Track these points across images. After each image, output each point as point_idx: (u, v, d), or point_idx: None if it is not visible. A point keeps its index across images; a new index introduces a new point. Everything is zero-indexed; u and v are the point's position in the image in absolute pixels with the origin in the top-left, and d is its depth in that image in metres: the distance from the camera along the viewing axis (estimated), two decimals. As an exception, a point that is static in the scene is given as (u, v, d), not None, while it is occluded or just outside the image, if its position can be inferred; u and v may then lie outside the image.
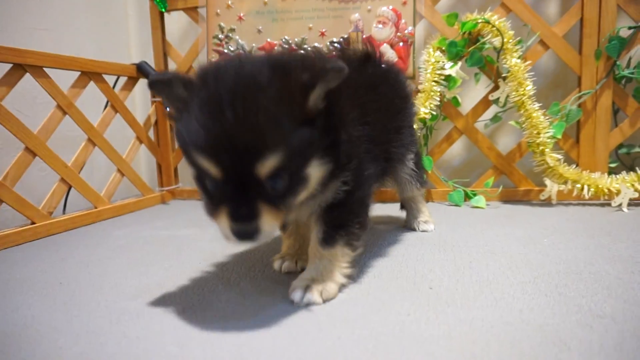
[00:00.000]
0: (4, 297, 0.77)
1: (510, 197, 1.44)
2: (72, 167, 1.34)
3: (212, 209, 0.59)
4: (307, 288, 0.70)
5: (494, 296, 0.69)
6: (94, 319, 0.67)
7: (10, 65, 1.17)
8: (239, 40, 1.54)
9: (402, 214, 1.19)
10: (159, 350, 0.57)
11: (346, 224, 0.73)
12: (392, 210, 1.31)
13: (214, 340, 0.58)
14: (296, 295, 0.69)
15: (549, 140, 1.31)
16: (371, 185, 0.79)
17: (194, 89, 0.57)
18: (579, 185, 1.31)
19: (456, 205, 1.41)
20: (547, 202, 1.37)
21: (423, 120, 1.43)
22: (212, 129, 0.53)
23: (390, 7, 1.45)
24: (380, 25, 1.46)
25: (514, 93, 1.34)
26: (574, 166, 1.37)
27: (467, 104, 1.53)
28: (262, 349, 0.56)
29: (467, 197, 1.43)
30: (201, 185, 0.60)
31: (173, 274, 0.85)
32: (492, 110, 1.48)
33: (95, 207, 1.42)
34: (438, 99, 1.42)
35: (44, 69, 1.25)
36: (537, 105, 1.33)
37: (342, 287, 0.74)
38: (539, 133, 1.30)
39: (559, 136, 1.33)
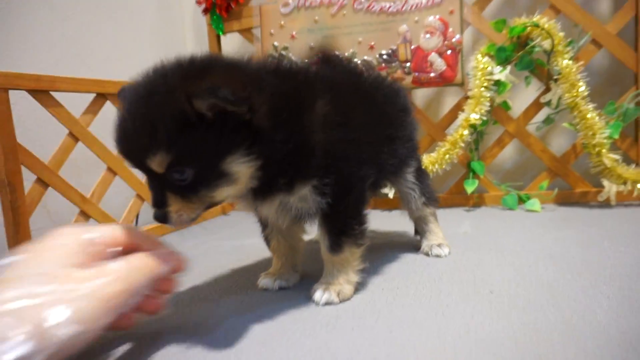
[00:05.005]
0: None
1: (566, 200, 1.44)
2: (145, 184, 1.47)
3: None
4: (325, 289, 0.78)
5: (555, 299, 0.72)
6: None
7: (94, 94, 1.31)
8: (292, 58, 1.63)
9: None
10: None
11: (347, 229, 0.78)
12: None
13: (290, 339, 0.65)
14: (316, 295, 0.78)
15: (605, 140, 1.29)
16: (363, 190, 0.80)
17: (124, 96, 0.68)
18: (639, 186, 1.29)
19: (510, 209, 1.42)
20: (606, 204, 1.35)
21: (473, 126, 1.46)
22: (116, 129, 0.64)
23: (437, 16, 1.49)
24: (428, 35, 1.50)
25: (566, 95, 1.34)
26: (634, 166, 1.35)
27: (518, 107, 1.53)
28: (341, 345, 0.62)
29: (521, 200, 1.44)
30: None
31: (247, 279, 0.94)
32: (544, 112, 1.48)
33: (166, 219, 1.54)
34: (488, 103, 1.44)
35: (120, 95, 1.39)
36: (591, 106, 1.32)
37: (357, 284, 0.82)
38: (594, 134, 1.30)
39: (616, 136, 1.32)
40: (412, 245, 1.10)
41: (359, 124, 0.79)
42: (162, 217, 0.65)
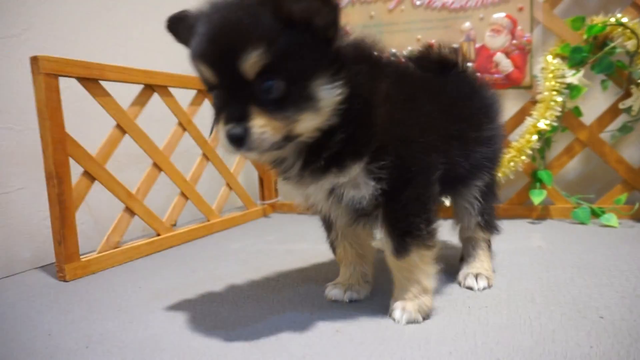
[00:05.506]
0: (162, 302, 0.81)
1: (646, 216, 1.31)
2: (190, 181, 1.41)
3: (216, 119, 0.62)
4: (404, 307, 0.70)
5: (687, 331, 0.61)
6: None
7: (142, 86, 1.25)
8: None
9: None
10: None
11: (412, 228, 0.69)
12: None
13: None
14: (396, 315, 0.70)
15: (698, 152, 1.17)
16: (428, 182, 0.70)
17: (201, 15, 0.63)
18: None
19: (582, 223, 1.30)
20: (694, 221, 1.23)
21: (540, 132, 1.34)
22: (204, 34, 0.59)
23: (504, 14, 1.39)
24: (494, 33, 1.40)
25: (653, 101, 1.22)
26: None
27: (589, 113, 1.41)
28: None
29: (594, 214, 1.32)
30: (213, 102, 0.64)
31: (310, 288, 0.85)
32: (619, 120, 1.36)
33: (208, 220, 1.48)
34: (559, 109, 1.33)
35: (169, 88, 1.33)
36: (682, 114, 1.20)
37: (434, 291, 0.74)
38: (685, 144, 1.17)
39: None
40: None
41: (424, 108, 0.72)
42: (240, 134, 0.57)
